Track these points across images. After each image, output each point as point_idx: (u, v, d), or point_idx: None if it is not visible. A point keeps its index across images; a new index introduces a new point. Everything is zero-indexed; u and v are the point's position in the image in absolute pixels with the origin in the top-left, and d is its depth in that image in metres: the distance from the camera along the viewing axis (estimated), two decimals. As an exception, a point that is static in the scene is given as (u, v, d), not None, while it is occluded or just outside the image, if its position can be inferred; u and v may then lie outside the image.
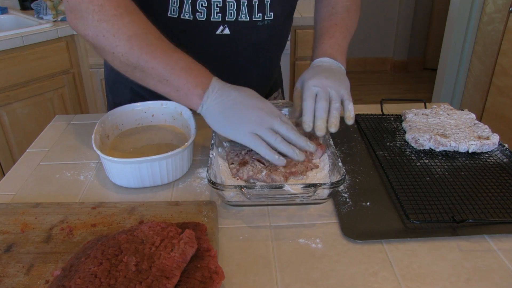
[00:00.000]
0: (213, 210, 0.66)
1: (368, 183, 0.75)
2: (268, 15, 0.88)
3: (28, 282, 0.53)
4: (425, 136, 0.84)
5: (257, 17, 0.87)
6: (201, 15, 0.84)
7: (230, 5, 0.84)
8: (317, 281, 0.55)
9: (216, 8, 0.84)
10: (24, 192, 0.75)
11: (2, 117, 1.89)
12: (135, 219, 0.64)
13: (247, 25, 0.88)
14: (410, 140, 0.86)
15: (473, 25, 2.68)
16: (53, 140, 0.92)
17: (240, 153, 0.76)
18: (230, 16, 0.85)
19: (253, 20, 0.87)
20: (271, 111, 0.70)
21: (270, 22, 0.89)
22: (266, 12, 0.88)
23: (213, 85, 0.71)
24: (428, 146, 0.84)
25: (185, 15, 0.83)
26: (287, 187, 0.64)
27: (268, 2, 0.87)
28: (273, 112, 0.70)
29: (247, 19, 0.87)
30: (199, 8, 0.83)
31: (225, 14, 0.85)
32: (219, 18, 0.85)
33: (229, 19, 0.85)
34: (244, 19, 0.86)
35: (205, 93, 0.70)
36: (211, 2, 0.83)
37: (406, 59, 4.24)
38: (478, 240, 0.63)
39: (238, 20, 0.86)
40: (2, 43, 1.79)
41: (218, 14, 0.84)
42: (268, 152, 0.69)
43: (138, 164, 0.71)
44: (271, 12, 0.88)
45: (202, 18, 0.84)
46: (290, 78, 2.39)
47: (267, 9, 0.87)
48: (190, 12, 0.83)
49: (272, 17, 0.89)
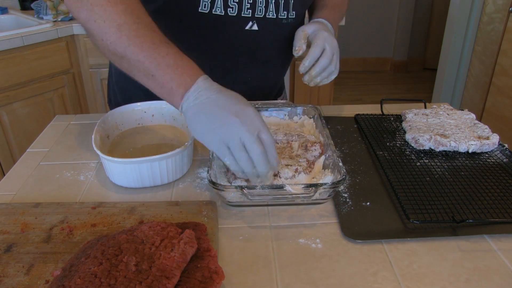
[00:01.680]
0: (213, 210, 0.66)
1: (368, 183, 0.75)
2: (291, 14, 0.92)
3: (28, 282, 0.53)
4: (425, 136, 0.84)
5: (282, 15, 0.91)
6: (232, 10, 0.86)
7: (259, 2, 0.87)
8: (317, 281, 0.55)
9: (247, 4, 0.86)
10: (24, 192, 0.75)
11: (2, 117, 1.89)
12: (135, 219, 0.64)
13: (274, 22, 0.91)
14: (410, 140, 0.87)
15: (473, 25, 2.68)
16: (53, 140, 0.92)
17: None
18: (259, 13, 0.88)
19: (279, 18, 0.91)
20: (250, 121, 0.63)
21: (292, 21, 0.93)
22: (290, 11, 0.91)
23: (196, 86, 0.65)
24: (428, 146, 0.84)
25: (217, 10, 0.85)
26: (288, 188, 0.64)
27: (292, 1, 0.90)
28: (252, 124, 0.63)
29: (274, 16, 0.90)
30: (231, 4, 0.85)
31: (255, 11, 0.87)
32: (249, 14, 0.87)
33: (258, 15, 0.88)
34: (272, 16, 0.90)
35: (185, 93, 0.65)
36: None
37: (406, 59, 4.24)
38: (478, 240, 0.63)
39: (266, 17, 0.89)
40: (2, 43, 1.79)
41: (248, 10, 0.87)
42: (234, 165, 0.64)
43: (138, 164, 0.71)
44: (294, 11, 0.92)
45: (233, 13, 0.86)
46: (290, 78, 2.39)
47: (291, 8, 0.91)
48: (222, 7, 0.85)
49: (295, 16, 0.93)
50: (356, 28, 4.03)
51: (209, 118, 0.64)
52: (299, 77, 0.86)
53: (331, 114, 1.03)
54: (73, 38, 2.09)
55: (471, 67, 2.73)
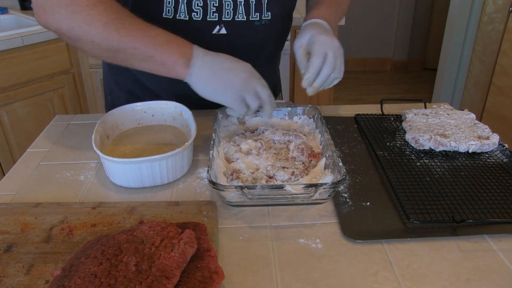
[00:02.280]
0: (213, 210, 0.66)
1: (368, 183, 0.75)
2: (265, 15, 0.88)
3: (28, 282, 0.53)
4: (425, 136, 0.84)
5: (254, 17, 0.87)
6: (197, 14, 0.84)
7: (226, 4, 0.84)
8: (317, 281, 0.55)
9: (212, 7, 0.84)
10: (24, 192, 0.75)
11: (2, 117, 1.89)
12: (135, 219, 0.64)
13: (244, 25, 0.88)
14: (410, 140, 0.86)
15: (473, 25, 2.68)
16: (53, 140, 0.92)
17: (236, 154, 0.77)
18: (226, 16, 0.85)
19: (250, 20, 0.87)
20: (253, 74, 0.75)
21: (267, 22, 0.89)
22: (264, 12, 0.88)
23: (196, 54, 0.73)
24: (428, 146, 0.84)
25: (181, 15, 0.83)
26: (288, 188, 0.64)
27: (266, 1, 0.86)
28: (255, 75, 0.76)
29: (244, 19, 0.87)
30: (195, 8, 0.83)
31: (222, 14, 0.85)
32: (215, 17, 0.85)
33: (225, 18, 0.86)
34: (241, 18, 0.86)
35: (190, 62, 0.72)
36: (207, 2, 0.83)
37: (406, 59, 4.24)
38: (478, 240, 0.63)
39: (235, 19, 0.86)
40: (2, 43, 1.79)
41: (215, 14, 0.85)
42: None
43: (138, 164, 0.71)
44: (269, 12, 0.88)
45: (198, 18, 0.84)
46: (290, 78, 2.39)
47: (265, 9, 0.87)
48: (185, 12, 0.83)
49: (270, 17, 0.89)
50: (356, 28, 4.03)
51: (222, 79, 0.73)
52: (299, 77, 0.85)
53: (331, 114, 1.03)
54: (73, 38, 2.08)
55: (471, 67, 2.73)
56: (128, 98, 0.98)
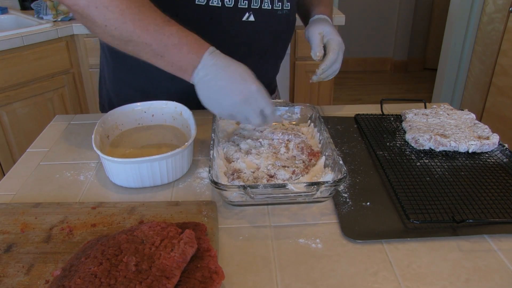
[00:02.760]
0: (213, 210, 0.66)
1: (368, 183, 0.75)
2: (286, 5, 0.93)
3: (28, 282, 0.53)
4: (425, 136, 0.84)
5: (277, 6, 0.92)
6: (229, 1, 0.87)
7: None
8: (317, 281, 0.55)
9: None
10: (24, 192, 0.75)
11: (2, 117, 1.89)
12: (135, 219, 0.64)
13: (269, 13, 0.92)
14: (410, 140, 0.87)
15: (473, 25, 2.68)
16: (53, 140, 0.92)
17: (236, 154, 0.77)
18: (255, 4, 0.89)
19: (274, 9, 0.92)
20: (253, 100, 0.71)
21: (287, 12, 0.95)
22: (285, 2, 0.93)
23: (203, 63, 0.71)
24: (428, 146, 0.84)
25: (213, 2, 0.86)
26: (290, 186, 0.64)
27: None
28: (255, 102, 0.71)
29: (269, 7, 0.91)
30: None
31: (251, 1, 0.89)
32: (245, 5, 0.88)
33: (254, 6, 0.89)
34: (267, 7, 0.91)
35: (194, 71, 0.71)
36: None
37: (406, 59, 4.23)
38: (478, 240, 0.62)
39: (262, 7, 0.90)
40: (2, 43, 1.79)
41: (245, 1, 0.88)
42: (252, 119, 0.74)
43: (138, 164, 0.71)
44: (288, 3, 0.93)
45: (230, 4, 0.87)
46: (290, 78, 2.39)
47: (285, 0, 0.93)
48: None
49: (289, 7, 0.94)
50: (356, 28, 4.03)
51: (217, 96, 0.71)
52: (299, 77, 0.87)
53: (331, 114, 1.03)
54: (73, 38, 2.09)
55: (471, 67, 2.73)
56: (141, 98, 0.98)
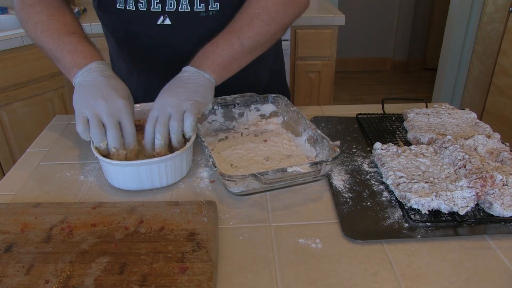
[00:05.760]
0: (213, 210, 0.66)
1: (369, 183, 0.75)
2: (213, 6, 0.86)
3: (28, 282, 0.53)
4: (426, 136, 0.84)
5: (199, 8, 0.86)
6: (142, 5, 0.86)
7: None
8: (317, 281, 0.55)
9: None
10: (24, 192, 0.75)
11: (2, 117, 1.89)
12: (135, 219, 0.64)
13: (189, 16, 0.87)
14: (411, 139, 0.86)
15: (473, 25, 2.68)
16: (53, 140, 0.92)
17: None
18: (170, 6, 0.86)
19: (195, 11, 0.87)
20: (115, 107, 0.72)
21: (216, 13, 0.87)
22: (211, 3, 0.86)
23: (89, 67, 0.77)
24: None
25: (129, 6, 0.87)
26: (296, 168, 0.69)
27: None
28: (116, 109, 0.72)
29: (188, 10, 0.87)
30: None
31: (165, 4, 0.86)
32: (159, 8, 0.87)
33: (169, 9, 0.87)
34: (185, 9, 0.87)
35: (78, 71, 0.77)
36: None
37: (406, 59, 4.24)
38: (478, 240, 0.62)
39: (179, 10, 0.87)
40: (2, 43, 1.79)
41: (158, 4, 0.86)
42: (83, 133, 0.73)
43: (137, 167, 0.71)
44: (217, 3, 0.86)
45: (144, 8, 0.87)
46: (290, 78, 2.39)
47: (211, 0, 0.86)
48: (133, 2, 0.86)
49: (219, 8, 0.87)
50: (356, 28, 4.03)
51: (84, 93, 0.74)
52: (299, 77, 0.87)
53: (331, 114, 1.03)
54: (73, 38, 2.08)
55: (471, 67, 2.73)
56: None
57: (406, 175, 0.70)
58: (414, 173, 0.71)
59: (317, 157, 0.79)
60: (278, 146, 0.84)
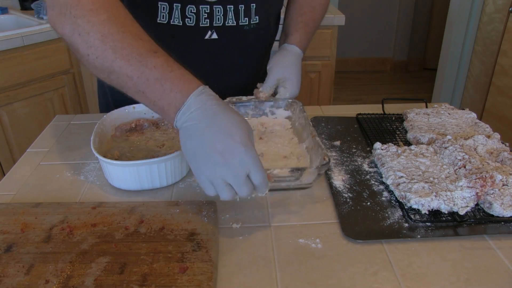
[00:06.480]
0: (213, 210, 0.66)
1: (369, 183, 0.75)
2: (254, 19, 0.91)
3: (28, 282, 0.53)
4: (426, 136, 0.84)
5: (243, 22, 0.90)
6: (190, 20, 0.86)
7: (217, 10, 0.87)
8: (317, 281, 0.55)
9: (204, 14, 0.86)
10: (24, 192, 0.75)
11: (2, 117, 1.89)
12: (135, 219, 0.64)
13: (234, 30, 0.91)
14: (411, 139, 0.86)
15: (473, 25, 2.68)
16: (53, 140, 0.92)
17: None
18: (217, 22, 0.88)
19: (240, 25, 0.91)
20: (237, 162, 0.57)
21: (256, 26, 0.93)
22: (252, 16, 0.91)
23: (187, 105, 0.59)
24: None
25: (175, 21, 0.86)
26: (275, 171, 0.67)
27: (254, 6, 0.89)
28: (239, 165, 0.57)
29: (234, 24, 0.90)
30: (188, 14, 0.85)
31: (213, 20, 0.88)
32: (207, 23, 0.88)
33: (216, 24, 0.88)
34: (231, 23, 0.89)
35: (176, 113, 0.60)
36: (199, 9, 0.85)
37: (406, 59, 4.23)
38: (478, 240, 0.62)
39: (226, 25, 0.89)
40: (2, 43, 1.79)
41: (206, 20, 0.87)
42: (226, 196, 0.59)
43: (137, 167, 0.71)
44: (257, 16, 0.91)
45: (191, 23, 0.87)
46: (290, 78, 2.39)
47: (253, 14, 0.90)
48: (179, 18, 0.85)
49: (258, 21, 0.92)
50: (356, 28, 4.03)
51: (196, 150, 0.59)
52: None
53: (331, 114, 1.03)
54: (73, 38, 2.08)
55: (471, 67, 2.73)
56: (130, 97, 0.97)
57: (406, 175, 0.70)
58: (414, 173, 0.71)
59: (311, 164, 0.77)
60: (277, 147, 0.84)
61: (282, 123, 0.93)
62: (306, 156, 0.80)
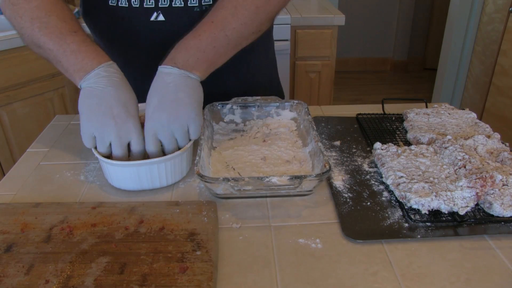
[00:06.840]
0: (213, 210, 0.66)
1: (369, 183, 0.75)
2: (205, 0, 0.85)
3: (28, 282, 0.53)
4: (426, 136, 0.84)
5: (193, 3, 0.85)
6: (135, 1, 0.85)
7: None
8: (317, 281, 0.55)
9: None
10: (24, 192, 0.75)
11: (2, 117, 1.89)
12: (135, 219, 0.64)
13: (183, 11, 0.86)
14: (411, 139, 0.87)
15: (473, 25, 2.68)
16: (53, 140, 0.92)
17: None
18: (163, 2, 0.85)
19: (189, 6, 0.85)
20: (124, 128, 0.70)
21: (208, 8, 0.85)
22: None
23: (97, 71, 0.71)
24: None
25: (122, 3, 0.85)
26: (273, 179, 0.65)
27: None
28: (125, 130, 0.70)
29: (182, 5, 0.85)
30: None
31: (158, 0, 0.85)
32: (152, 4, 0.85)
33: (162, 5, 0.85)
34: (179, 4, 0.85)
35: (84, 75, 0.72)
36: None
37: (406, 59, 4.24)
38: (478, 240, 0.62)
39: (172, 6, 0.85)
40: (2, 43, 1.79)
41: (151, 1, 0.85)
42: None
43: (137, 167, 0.71)
44: None
45: (136, 4, 0.85)
46: (290, 78, 2.39)
47: None
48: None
49: (212, 2, 0.85)
50: (356, 28, 4.03)
51: (92, 107, 0.70)
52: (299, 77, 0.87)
53: (331, 114, 1.03)
54: (73, 38, 2.08)
55: (471, 67, 2.73)
56: None
57: (406, 175, 0.70)
58: (414, 173, 0.71)
59: (313, 170, 0.76)
60: (281, 151, 0.82)
61: (287, 125, 0.91)
62: (309, 161, 0.78)
